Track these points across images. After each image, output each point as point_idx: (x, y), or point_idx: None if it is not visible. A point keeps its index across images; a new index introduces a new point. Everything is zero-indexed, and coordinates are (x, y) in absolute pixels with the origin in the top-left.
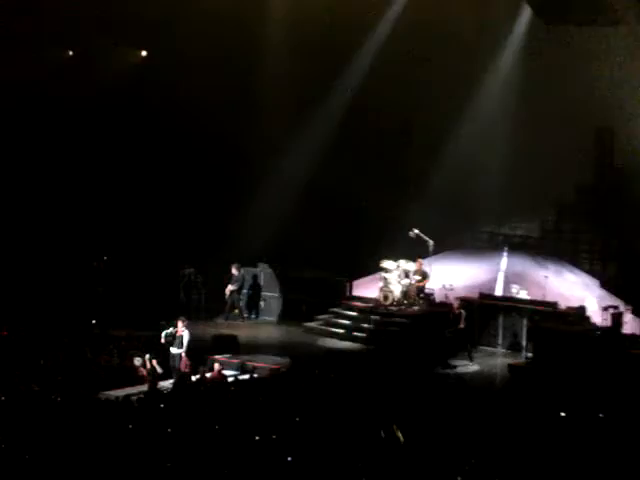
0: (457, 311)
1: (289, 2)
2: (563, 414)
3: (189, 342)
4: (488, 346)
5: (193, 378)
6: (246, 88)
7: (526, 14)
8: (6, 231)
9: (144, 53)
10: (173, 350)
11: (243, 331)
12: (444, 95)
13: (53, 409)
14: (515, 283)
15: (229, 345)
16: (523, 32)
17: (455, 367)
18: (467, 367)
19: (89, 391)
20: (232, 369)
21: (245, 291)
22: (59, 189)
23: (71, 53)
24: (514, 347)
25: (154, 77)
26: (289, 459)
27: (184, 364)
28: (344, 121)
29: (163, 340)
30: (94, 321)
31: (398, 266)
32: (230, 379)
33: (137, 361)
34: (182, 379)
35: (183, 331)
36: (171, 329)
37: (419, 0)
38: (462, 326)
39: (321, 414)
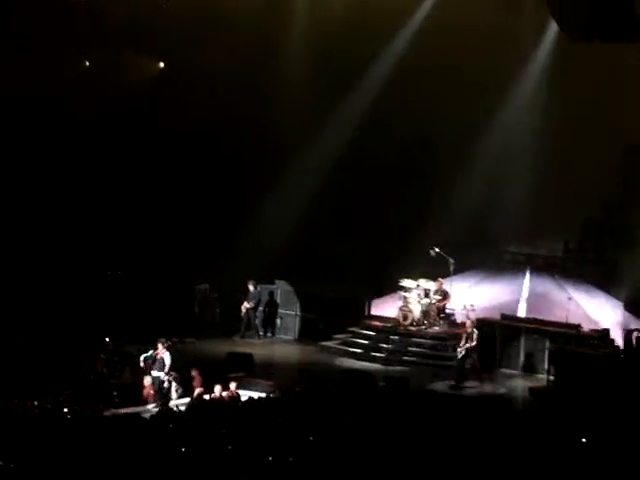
0: (469, 330)
1: (308, 8)
2: (584, 440)
3: (170, 364)
4: (508, 368)
5: (207, 397)
6: (263, 98)
7: (553, 29)
8: (19, 243)
9: (162, 65)
10: (154, 373)
11: (258, 350)
12: (468, 109)
13: (62, 425)
14: (537, 305)
15: (244, 364)
16: (550, 47)
17: (464, 388)
18: (477, 388)
19: (98, 408)
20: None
21: (261, 308)
22: (73, 201)
23: (88, 64)
24: (535, 370)
25: (171, 88)
26: None
27: (197, 382)
28: (362, 132)
29: (142, 364)
30: (107, 338)
31: (418, 285)
32: (244, 398)
33: (147, 380)
34: (198, 398)
35: (164, 353)
36: (150, 352)
37: (442, 10)
38: (474, 345)
39: (336, 434)
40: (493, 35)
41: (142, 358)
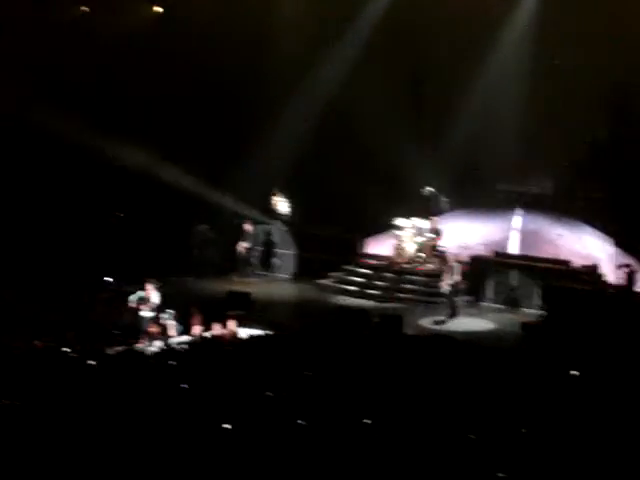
0: (451, 264)
1: None
2: (574, 372)
3: (159, 304)
4: (500, 304)
5: (207, 334)
6: (258, 41)
7: None
8: (23, 185)
9: (159, 10)
10: (144, 313)
11: (256, 288)
12: (458, 47)
13: (64, 364)
14: (528, 242)
15: (242, 302)
16: None
17: (443, 322)
18: (468, 324)
19: (100, 346)
20: None
21: (259, 248)
22: (77, 148)
23: (85, 9)
24: (527, 305)
25: (168, 33)
26: (300, 421)
27: (196, 320)
28: (356, 68)
29: (134, 304)
30: (108, 278)
31: (412, 224)
32: (243, 336)
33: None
34: (198, 335)
35: (152, 293)
36: (140, 292)
37: None
38: (457, 279)
39: (333, 371)
40: None
41: (134, 298)
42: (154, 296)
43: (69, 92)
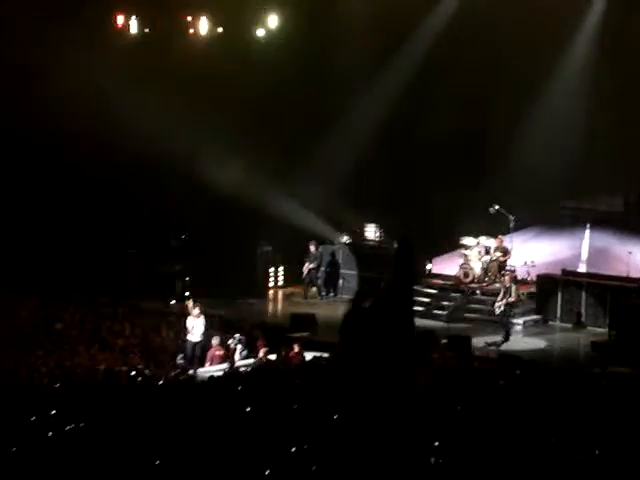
0: (508, 284)
1: None
2: None
3: (205, 329)
4: (569, 322)
5: (273, 357)
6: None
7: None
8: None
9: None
10: (190, 337)
11: (321, 310)
12: (525, 62)
13: (132, 388)
14: (597, 260)
15: (307, 324)
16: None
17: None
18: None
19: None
20: None
21: (323, 269)
22: (133, 163)
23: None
24: (596, 324)
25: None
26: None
27: (262, 343)
28: (417, 86)
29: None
30: (174, 301)
31: (478, 243)
32: (308, 358)
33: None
34: (263, 358)
35: (198, 318)
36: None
37: None
38: (513, 300)
39: (399, 394)
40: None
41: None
42: (198, 323)
43: None
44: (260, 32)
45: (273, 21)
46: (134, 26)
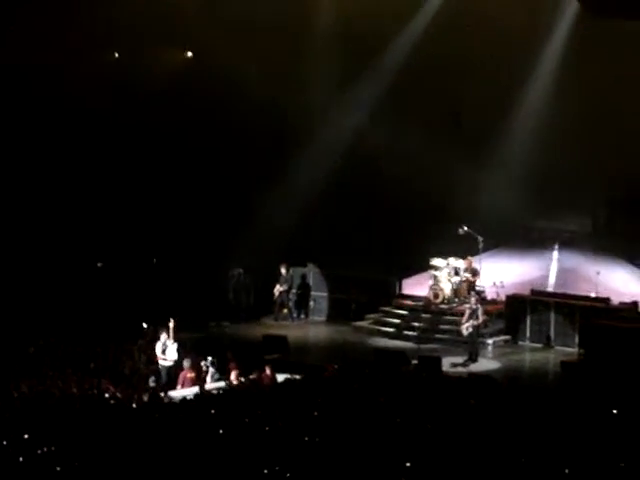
0: (474, 306)
1: None
2: (615, 411)
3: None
4: (538, 342)
5: (243, 380)
6: (283, 82)
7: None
8: (57, 233)
9: (190, 54)
10: (163, 363)
11: (293, 331)
12: (493, 86)
13: (105, 411)
14: (566, 280)
15: (279, 346)
16: (570, 25)
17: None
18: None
19: (137, 392)
20: None
21: (294, 291)
22: (107, 189)
23: (117, 55)
24: (565, 344)
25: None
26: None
27: (233, 365)
28: (387, 109)
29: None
30: (144, 324)
31: (448, 264)
32: (280, 379)
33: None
34: (235, 380)
35: (168, 342)
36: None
37: None
38: (480, 321)
39: (371, 414)
40: (511, 16)
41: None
42: (167, 345)
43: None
44: None
45: None
46: None
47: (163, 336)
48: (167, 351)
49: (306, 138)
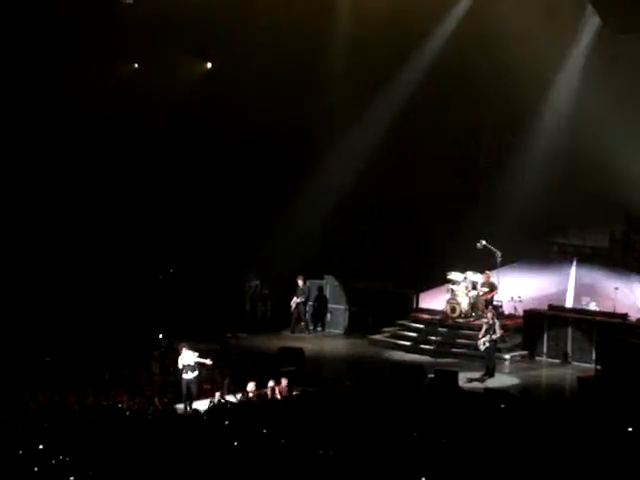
0: (491, 321)
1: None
2: (630, 429)
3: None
4: (556, 358)
5: (260, 392)
6: (303, 93)
7: (594, 23)
8: (73, 244)
9: (209, 65)
10: (186, 376)
11: (309, 344)
12: (512, 99)
13: (119, 422)
14: (585, 295)
15: (294, 358)
16: (590, 42)
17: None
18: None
19: (154, 403)
20: None
21: (311, 303)
22: (127, 203)
23: (137, 66)
24: (583, 360)
25: (218, 88)
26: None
27: (250, 377)
28: (404, 124)
29: (180, 366)
30: (161, 335)
31: (465, 278)
32: (296, 392)
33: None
34: (252, 392)
35: (186, 355)
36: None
37: (481, 6)
38: (498, 336)
39: (387, 428)
40: (533, 32)
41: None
42: (188, 358)
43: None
44: None
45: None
46: None
47: (184, 349)
48: (188, 365)
49: (325, 151)
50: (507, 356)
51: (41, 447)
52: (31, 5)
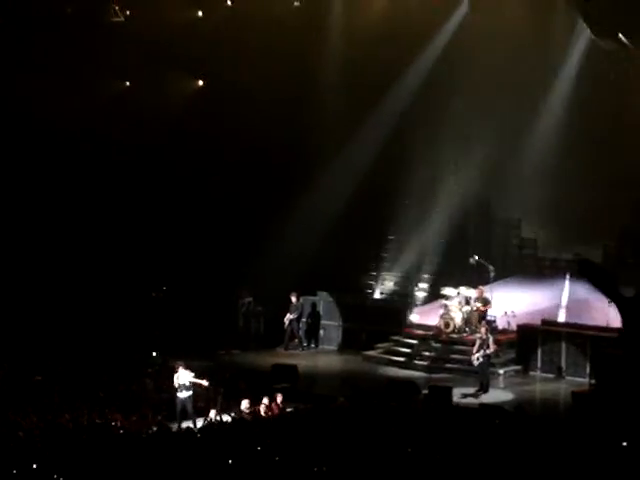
0: (484, 336)
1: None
2: (625, 444)
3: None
4: (550, 373)
5: (253, 409)
6: (296, 110)
7: (584, 34)
8: (66, 262)
9: (200, 83)
10: (180, 395)
11: (302, 360)
12: (503, 112)
13: (113, 441)
14: (577, 310)
15: (288, 375)
16: (582, 52)
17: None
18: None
19: (147, 422)
20: None
21: (304, 320)
22: (116, 222)
23: (128, 84)
24: (577, 374)
25: (210, 105)
26: None
27: (244, 394)
28: (395, 140)
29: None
30: (154, 353)
31: (459, 293)
32: (289, 409)
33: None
34: (246, 410)
35: (182, 374)
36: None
37: (474, 17)
38: (491, 351)
39: (381, 444)
40: (524, 41)
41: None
42: (183, 377)
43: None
44: None
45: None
46: None
47: (180, 368)
48: (183, 383)
49: (317, 168)
50: (501, 371)
51: (35, 467)
52: (24, 19)
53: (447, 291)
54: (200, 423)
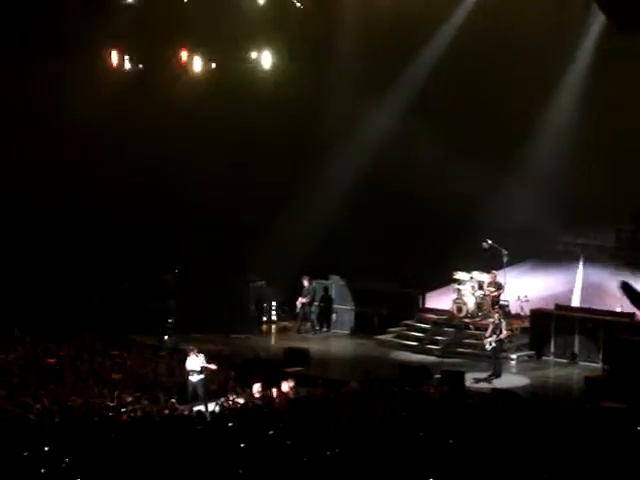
0: (497, 321)
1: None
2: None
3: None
4: (563, 358)
5: (266, 393)
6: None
7: (599, 19)
8: (79, 238)
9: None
10: (192, 378)
11: (315, 344)
12: (520, 94)
13: (125, 424)
14: (590, 295)
15: (300, 359)
16: (596, 39)
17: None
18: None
19: (159, 405)
20: None
21: (316, 303)
22: (129, 201)
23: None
24: (590, 359)
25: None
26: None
27: (255, 378)
28: (411, 117)
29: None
30: (166, 337)
31: (471, 277)
32: (302, 393)
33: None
34: (258, 394)
35: (194, 358)
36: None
37: (486, 6)
38: (504, 335)
39: (393, 429)
40: (538, 28)
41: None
42: (195, 362)
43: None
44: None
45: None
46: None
47: (192, 353)
48: (195, 368)
49: (329, 150)
50: (514, 356)
51: (47, 449)
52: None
53: (460, 275)
54: (212, 406)
